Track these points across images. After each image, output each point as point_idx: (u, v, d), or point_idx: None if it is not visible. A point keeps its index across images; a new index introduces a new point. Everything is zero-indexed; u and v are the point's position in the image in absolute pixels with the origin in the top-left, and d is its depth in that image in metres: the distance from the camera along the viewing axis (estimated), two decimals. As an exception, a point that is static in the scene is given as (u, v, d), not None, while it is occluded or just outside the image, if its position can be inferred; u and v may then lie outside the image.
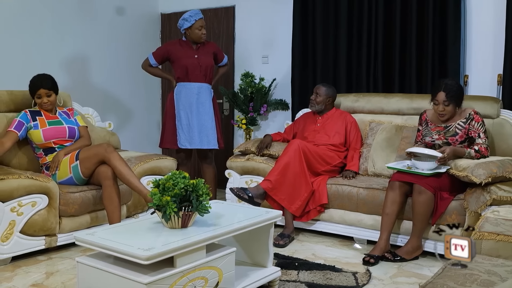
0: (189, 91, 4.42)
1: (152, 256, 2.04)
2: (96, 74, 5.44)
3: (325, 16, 4.93)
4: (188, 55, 4.42)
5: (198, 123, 4.39)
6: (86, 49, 5.28)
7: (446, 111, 3.46)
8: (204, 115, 4.41)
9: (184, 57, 4.41)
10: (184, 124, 4.40)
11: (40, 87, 3.67)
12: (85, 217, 3.60)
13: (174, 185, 2.34)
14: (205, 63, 4.44)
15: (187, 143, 4.41)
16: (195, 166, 5.61)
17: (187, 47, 4.47)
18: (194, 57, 4.41)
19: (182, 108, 4.42)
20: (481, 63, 4.32)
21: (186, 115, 4.41)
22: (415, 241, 3.33)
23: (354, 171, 4.03)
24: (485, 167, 3.14)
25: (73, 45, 5.14)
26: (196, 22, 4.38)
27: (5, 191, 3.14)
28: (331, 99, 4.28)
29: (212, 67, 4.51)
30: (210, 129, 4.42)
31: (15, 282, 2.94)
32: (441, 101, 3.45)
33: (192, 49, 4.46)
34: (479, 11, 4.31)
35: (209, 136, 4.41)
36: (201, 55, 4.44)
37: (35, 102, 3.74)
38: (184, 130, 4.41)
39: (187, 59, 4.40)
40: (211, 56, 4.51)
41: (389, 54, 4.63)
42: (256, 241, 2.78)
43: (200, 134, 4.39)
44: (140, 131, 6.00)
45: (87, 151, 3.60)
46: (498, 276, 1.87)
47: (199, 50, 4.46)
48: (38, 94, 3.68)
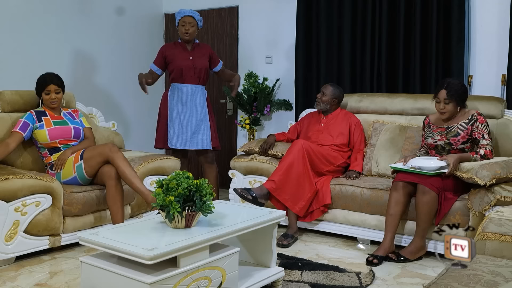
0: (183, 93, 4.43)
1: (156, 256, 2.05)
2: (99, 74, 5.45)
3: (329, 16, 4.93)
4: (182, 56, 4.41)
5: (191, 124, 4.40)
6: (89, 49, 5.29)
7: (446, 109, 3.46)
8: (197, 116, 4.42)
9: (178, 59, 4.41)
10: (176, 124, 4.41)
11: (51, 83, 3.72)
12: (88, 217, 3.61)
13: (178, 185, 2.35)
14: (200, 65, 4.43)
15: (177, 144, 4.42)
16: (196, 166, 5.65)
17: (182, 48, 4.46)
18: (189, 59, 4.41)
19: (175, 109, 4.44)
20: (485, 63, 4.31)
21: (178, 116, 4.41)
22: (419, 241, 3.33)
23: (357, 171, 4.03)
24: (489, 168, 3.13)
25: (77, 45, 5.15)
26: (180, 19, 4.40)
27: (9, 191, 3.15)
28: (336, 99, 4.27)
29: (206, 69, 4.49)
30: (202, 130, 4.43)
31: (19, 282, 2.95)
32: (442, 99, 3.46)
33: (187, 50, 4.46)
34: (483, 11, 4.30)
35: (201, 137, 4.42)
36: (196, 57, 4.44)
37: (42, 99, 3.76)
38: (175, 131, 4.41)
39: (182, 61, 4.40)
40: (206, 58, 4.49)
41: (393, 54, 4.62)
42: (260, 241, 2.78)
43: (193, 135, 4.40)
44: (144, 131, 6.00)
45: (92, 150, 3.62)
46: (502, 276, 1.86)
47: (194, 51, 4.46)
48: (47, 90, 3.71)
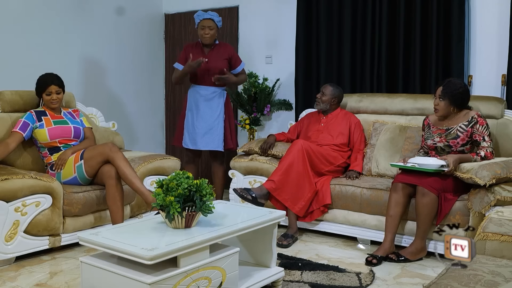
0: (198, 94, 4.47)
1: (156, 256, 2.05)
2: (99, 74, 5.45)
3: (329, 16, 4.92)
4: (198, 58, 4.41)
5: (203, 125, 4.42)
6: (89, 49, 5.29)
7: (439, 106, 3.47)
8: (211, 117, 4.43)
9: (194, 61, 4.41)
10: (190, 124, 4.47)
11: (51, 84, 3.72)
12: (88, 217, 3.61)
13: (178, 185, 2.35)
14: (215, 68, 4.40)
15: (189, 143, 4.47)
16: (206, 165, 5.76)
17: (199, 50, 4.48)
18: (204, 62, 4.40)
19: (190, 109, 4.50)
20: (485, 63, 4.31)
21: (192, 116, 4.46)
22: (419, 242, 3.32)
23: (357, 171, 4.03)
24: (489, 169, 3.13)
25: (77, 45, 5.15)
26: (200, 22, 4.41)
27: (9, 191, 3.15)
28: (336, 99, 4.27)
29: (223, 72, 4.42)
30: (215, 131, 4.43)
31: (19, 282, 2.95)
32: (437, 95, 3.47)
33: (203, 52, 4.46)
34: (483, 11, 4.30)
35: (213, 138, 4.43)
36: (212, 59, 4.42)
37: (43, 100, 3.76)
38: (189, 131, 4.48)
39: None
40: (224, 60, 4.46)
41: (393, 54, 4.62)
42: (260, 241, 2.78)
43: (204, 136, 4.41)
44: (144, 131, 6.01)
45: (92, 150, 3.62)
46: (502, 276, 1.86)
47: (211, 53, 4.45)
48: (48, 91, 3.72)
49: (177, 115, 6.12)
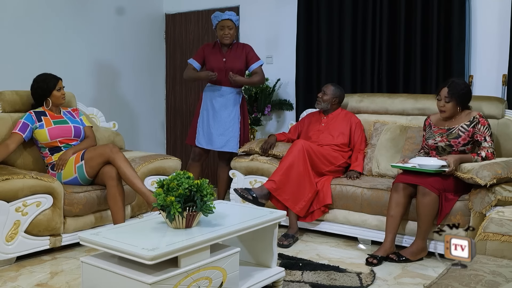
0: (214, 94, 4.47)
1: (157, 256, 2.05)
2: (100, 74, 5.45)
3: (329, 16, 4.92)
4: (216, 58, 4.43)
5: (218, 125, 4.43)
6: (90, 49, 5.29)
7: (446, 107, 3.46)
8: (225, 118, 4.43)
9: (212, 60, 4.43)
10: (205, 124, 4.48)
11: (59, 79, 3.78)
12: (89, 217, 3.61)
13: (179, 185, 2.35)
14: (232, 68, 4.40)
15: (203, 143, 4.47)
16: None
17: (217, 50, 4.48)
18: (221, 61, 4.41)
19: (206, 109, 4.50)
20: (486, 63, 4.31)
21: (208, 116, 4.47)
22: (420, 242, 3.32)
23: (358, 172, 4.03)
24: (490, 169, 3.13)
25: (77, 45, 5.15)
26: (218, 23, 4.42)
27: (10, 191, 3.15)
28: (337, 99, 4.27)
29: (241, 72, 4.44)
30: (231, 133, 4.43)
31: (20, 282, 2.95)
32: (443, 97, 3.46)
33: (221, 52, 4.47)
34: (484, 11, 4.30)
35: (229, 140, 4.43)
36: (230, 59, 4.43)
37: (50, 99, 3.74)
38: (204, 130, 4.48)
39: (215, 63, 4.42)
40: (241, 60, 4.46)
41: (394, 54, 4.62)
42: (260, 241, 2.78)
43: (220, 136, 4.42)
44: (145, 132, 6.02)
45: (93, 151, 3.62)
46: (503, 276, 1.86)
47: (228, 53, 4.45)
48: (58, 87, 3.76)
49: (178, 115, 6.13)
